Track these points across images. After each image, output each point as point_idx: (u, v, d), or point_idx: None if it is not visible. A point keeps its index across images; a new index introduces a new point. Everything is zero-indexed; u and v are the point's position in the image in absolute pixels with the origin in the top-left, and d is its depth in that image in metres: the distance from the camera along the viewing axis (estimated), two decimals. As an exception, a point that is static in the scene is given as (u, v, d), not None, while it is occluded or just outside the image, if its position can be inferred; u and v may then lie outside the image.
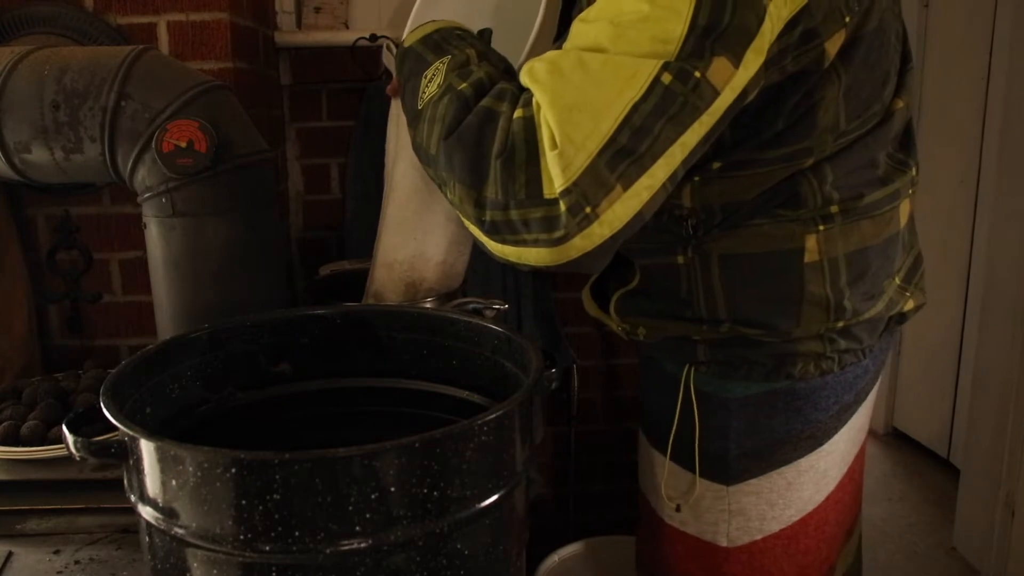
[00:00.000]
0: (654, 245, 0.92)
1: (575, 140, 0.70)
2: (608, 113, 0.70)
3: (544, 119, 0.72)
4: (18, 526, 1.04)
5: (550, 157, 0.71)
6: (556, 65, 0.73)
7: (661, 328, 0.94)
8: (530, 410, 0.77)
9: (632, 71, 0.70)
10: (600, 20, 0.73)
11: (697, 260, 0.88)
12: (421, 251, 1.10)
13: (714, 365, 0.92)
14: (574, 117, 0.70)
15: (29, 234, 1.50)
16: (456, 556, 0.68)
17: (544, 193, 0.71)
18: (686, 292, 0.90)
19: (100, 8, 1.42)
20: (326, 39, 1.80)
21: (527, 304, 1.86)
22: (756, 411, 0.92)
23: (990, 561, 1.83)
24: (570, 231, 0.71)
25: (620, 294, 0.99)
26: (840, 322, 0.88)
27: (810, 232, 0.85)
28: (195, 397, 0.88)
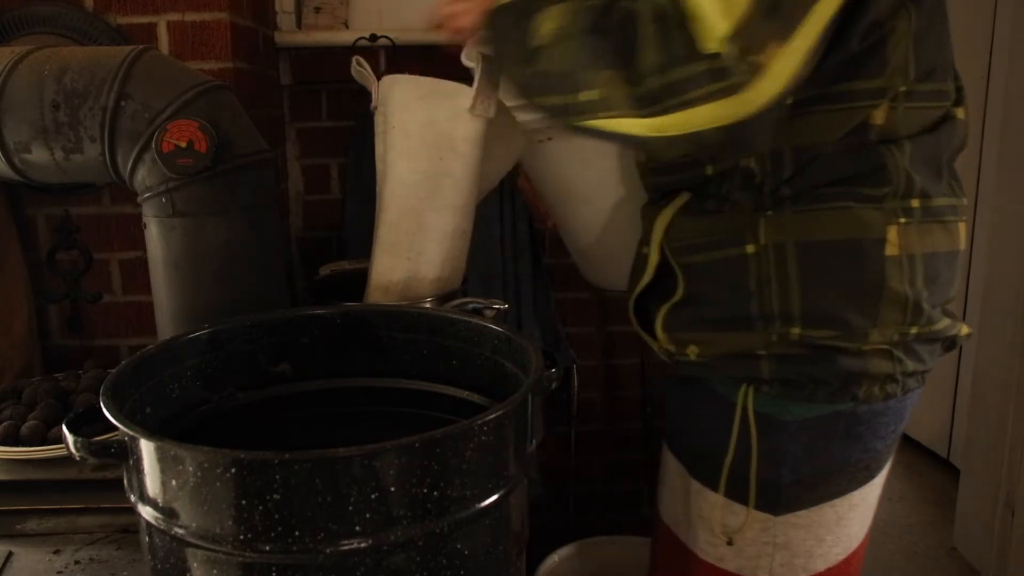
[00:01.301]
0: (720, 234, 0.87)
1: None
2: None
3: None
4: (18, 526, 1.04)
5: (710, 6, 0.69)
6: None
7: (717, 343, 0.88)
8: (530, 410, 0.77)
9: None
10: None
11: (771, 249, 0.83)
12: (415, 271, 1.10)
13: (777, 384, 0.86)
14: None
15: (29, 234, 1.50)
16: (456, 556, 0.68)
17: (706, 47, 0.70)
18: (755, 286, 0.84)
19: (100, 8, 1.42)
20: (326, 39, 1.80)
21: (527, 304, 1.86)
22: (815, 435, 0.87)
23: (990, 561, 1.83)
24: (742, 80, 0.70)
25: (668, 307, 0.92)
26: (914, 327, 0.84)
27: (891, 223, 0.82)
28: (195, 397, 0.88)
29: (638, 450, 2.07)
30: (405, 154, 1.09)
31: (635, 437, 2.05)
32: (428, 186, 1.09)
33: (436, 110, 1.09)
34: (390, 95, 1.11)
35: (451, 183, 1.10)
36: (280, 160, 1.82)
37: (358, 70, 1.14)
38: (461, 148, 1.09)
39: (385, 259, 1.12)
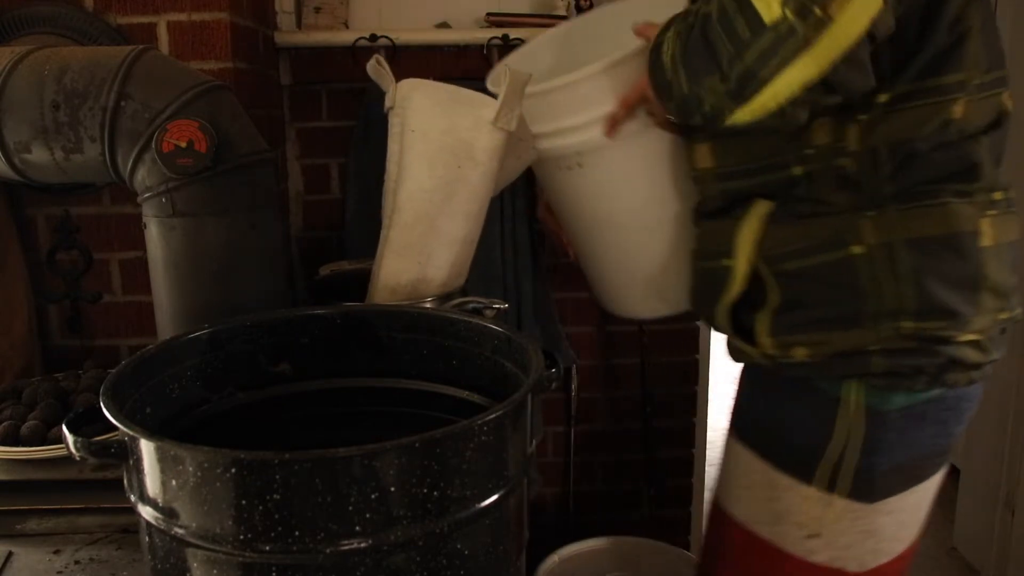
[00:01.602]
0: (819, 238, 0.89)
1: None
2: None
3: None
4: (18, 526, 1.04)
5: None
6: None
7: (828, 343, 0.89)
8: (530, 410, 0.77)
9: None
10: None
11: (880, 248, 0.86)
12: (424, 275, 1.11)
13: (884, 377, 0.89)
14: None
15: (29, 234, 1.50)
16: (456, 556, 0.68)
17: (766, 20, 0.76)
18: (869, 285, 0.87)
19: (100, 8, 1.42)
20: (326, 39, 1.80)
21: (527, 304, 1.86)
22: (910, 423, 0.91)
23: (990, 561, 1.83)
24: (810, 33, 0.74)
25: (768, 314, 0.93)
26: (1005, 313, 0.90)
27: (983, 216, 0.87)
28: (195, 397, 0.88)
29: (638, 450, 2.07)
30: (424, 158, 1.10)
31: (635, 437, 2.05)
32: (444, 192, 1.10)
33: (458, 118, 1.10)
34: (410, 99, 1.11)
35: (467, 191, 1.11)
36: (280, 160, 1.82)
37: (376, 68, 1.14)
38: (480, 157, 1.10)
39: (395, 261, 1.12)
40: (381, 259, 1.14)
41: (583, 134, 1.08)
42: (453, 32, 1.87)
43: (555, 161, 1.11)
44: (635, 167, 1.09)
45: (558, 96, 1.07)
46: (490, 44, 1.82)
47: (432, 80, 1.15)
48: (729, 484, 1.04)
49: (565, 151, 1.09)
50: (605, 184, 1.11)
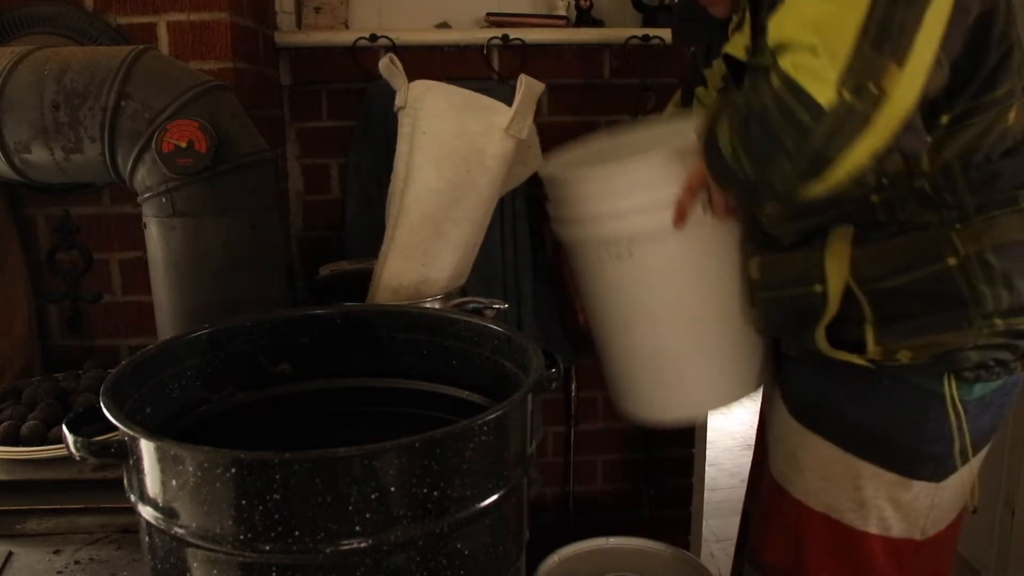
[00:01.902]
0: (915, 254, 0.95)
1: (831, 35, 0.80)
2: (852, 14, 0.79)
3: (794, 51, 0.82)
4: (18, 526, 1.04)
5: (816, 64, 0.80)
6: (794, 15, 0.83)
7: (933, 346, 0.96)
8: (530, 410, 0.77)
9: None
10: None
11: (974, 257, 0.93)
12: (427, 276, 1.11)
13: (973, 370, 0.97)
14: (826, 23, 0.80)
15: (29, 234, 1.50)
16: (456, 556, 0.68)
17: (823, 103, 0.80)
18: (969, 292, 0.93)
19: (100, 8, 1.42)
20: (326, 39, 1.80)
21: (527, 304, 1.86)
22: (980, 410, 1.00)
23: (990, 561, 1.83)
24: (869, 110, 0.80)
25: (870, 327, 0.99)
26: None
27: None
28: (195, 397, 0.88)
29: (638, 450, 2.07)
30: (434, 161, 1.10)
31: (635, 437, 2.05)
32: (452, 195, 1.10)
33: (470, 123, 1.10)
34: (423, 100, 1.11)
35: (474, 196, 1.12)
36: (280, 160, 1.82)
37: (389, 67, 1.14)
38: (490, 164, 1.10)
39: (399, 262, 1.12)
40: (385, 259, 1.14)
41: (641, 217, 1.07)
42: (453, 32, 1.88)
43: (603, 247, 1.09)
44: (685, 258, 1.09)
45: (620, 179, 1.07)
46: (490, 44, 1.82)
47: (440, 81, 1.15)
48: (803, 475, 1.08)
49: (618, 235, 1.08)
50: (652, 274, 1.10)
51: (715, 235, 1.10)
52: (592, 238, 1.10)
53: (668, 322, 1.13)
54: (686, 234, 1.06)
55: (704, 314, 1.13)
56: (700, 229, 1.07)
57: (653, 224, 1.06)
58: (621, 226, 1.08)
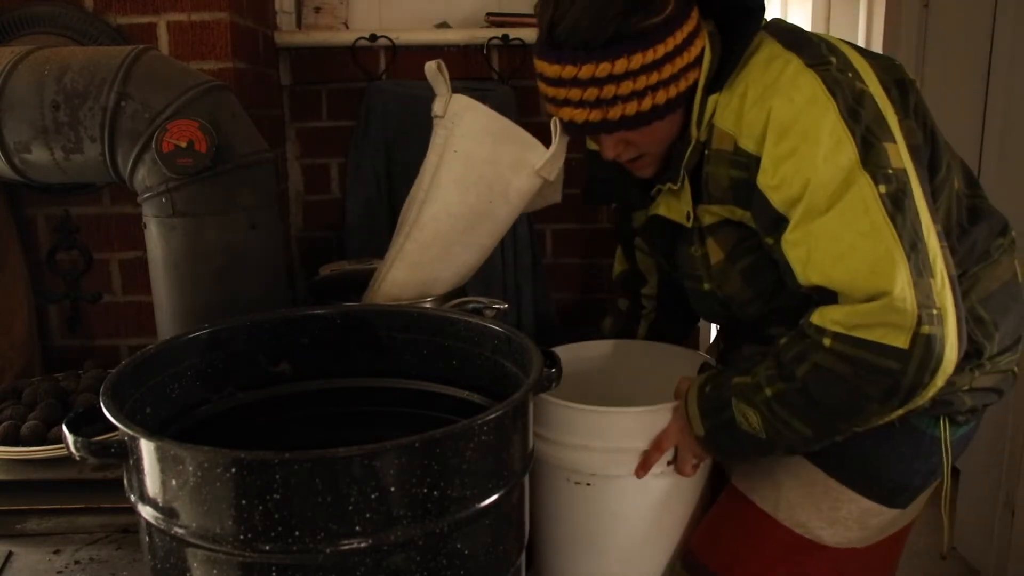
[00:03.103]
0: None
1: (889, 280, 0.85)
2: (886, 242, 0.86)
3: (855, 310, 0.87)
4: (18, 526, 1.04)
5: (883, 311, 0.85)
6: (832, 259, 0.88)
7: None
8: (530, 410, 0.77)
9: (864, 208, 0.87)
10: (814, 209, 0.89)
11: (968, 316, 0.97)
12: (426, 292, 1.12)
13: (965, 413, 1.03)
14: (878, 269, 0.86)
15: (29, 234, 1.50)
16: (456, 556, 0.68)
17: (902, 346, 0.85)
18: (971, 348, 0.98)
19: (100, 8, 1.42)
20: (326, 39, 1.80)
21: (527, 304, 1.86)
22: (959, 448, 1.07)
23: (990, 561, 1.83)
24: (938, 334, 0.86)
25: None
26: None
27: (1015, 259, 1.06)
28: (195, 397, 0.88)
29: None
30: (459, 184, 1.10)
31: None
32: (469, 221, 1.11)
33: (503, 153, 1.10)
34: (461, 117, 1.11)
35: (490, 225, 1.13)
36: (280, 160, 1.82)
37: (435, 72, 1.13)
38: (512, 197, 1.11)
39: (403, 273, 1.12)
40: (390, 267, 1.14)
41: (607, 458, 1.11)
42: (453, 32, 1.87)
43: (565, 472, 1.14)
44: (642, 501, 1.14)
45: (598, 419, 1.11)
46: (490, 44, 1.82)
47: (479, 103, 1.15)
48: (778, 492, 1.09)
49: (580, 466, 1.12)
50: (610, 505, 1.14)
51: (675, 485, 1.14)
52: (558, 462, 1.14)
53: (613, 555, 1.16)
54: (646, 481, 1.11)
55: (648, 554, 1.17)
56: (661, 479, 1.12)
57: (618, 467, 1.11)
58: (587, 459, 1.11)
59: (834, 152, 0.88)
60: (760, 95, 0.91)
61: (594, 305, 2.00)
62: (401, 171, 1.83)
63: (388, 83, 1.82)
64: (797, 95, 0.90)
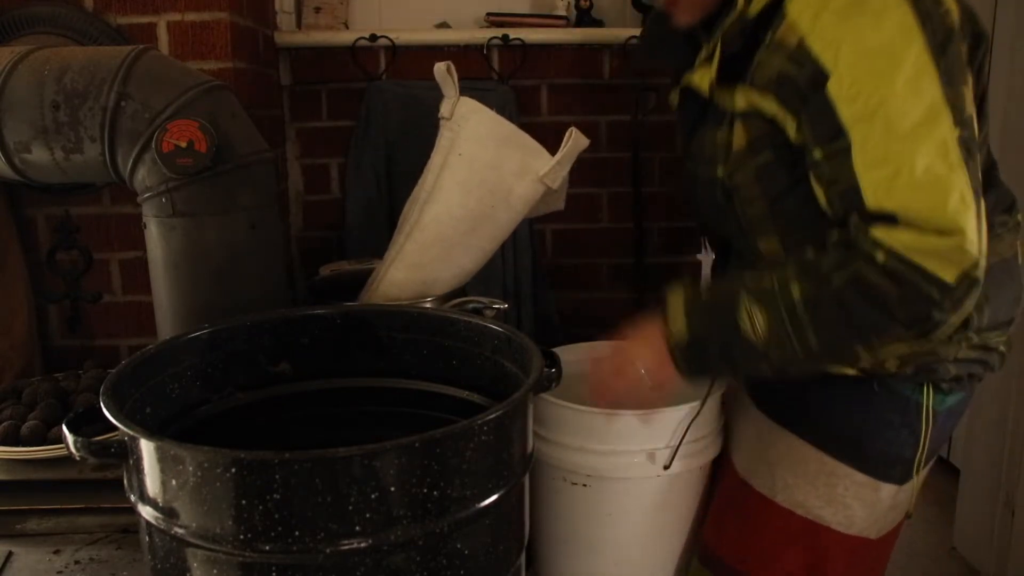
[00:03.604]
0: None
1: (964, 218, 0.84)
2: (962, 182, 0.85)
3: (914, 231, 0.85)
4: (18, 526, 1.04)
5: (950, 249, 0.84)
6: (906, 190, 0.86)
7: (919, 355, 1.00)
8: (530, 410, 0.77)
9: (943, 151, 0.85)
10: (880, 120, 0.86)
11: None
12: (424, 292, 1.12)
13: (951, 381, 1.02)
14: (958, 207, 0.84)
15: (29, 234, 1.50)
16: (456, 556, 0.68)
17: (950, 280, 0.85)
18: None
19: (100, 8, 1.42)
20: (326, 39, 1.80)
21: (527, 304, 1.86)
22: (947, 420, 1.06)
23: (990, 561, 1.83)
24: (980, 281, 0.86)
25: None
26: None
27: (1017, 238, 1.04)
28: (195, 397, 0.88)
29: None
30: (462, 187, 1.10)
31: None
32: (470, 224, 1.11)
33: (506, 159, 1.10)
34: (467, 119, 1.11)
35: (491, 228, 1.13)
36: (280, 160, 1.82)
37: (444, 74, 1.13)
38: (514, 203, 1.11)
39: (402, 273, 1.13)
40: (389, 266, 1.14)
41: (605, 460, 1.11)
42: (453, 32, 1.88)
43: (562, 472, 1.14)
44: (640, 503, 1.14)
45: (596, 420, 1.11)
46: (490, 44, 1.82)
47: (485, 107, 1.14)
48: (772, 472, 1.08)
49: (578, 467, 1.12)
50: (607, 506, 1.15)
51: (674, 486, 1.14)
52: (554, 460, 1.14)
53: (610, 557, 1.17)
54: (644, 482, 1.12)
55: (646, 556, 1.17)
56: (660, 481, 1.12)
57: (616, 469, 1.11)
58: (584, 460, 1.12)
59: (917, 79, 0.85)
60: (846, 6, 0.87)
61: (594, 305, 2.00)
62: (401, 171, 1.83)
63: (388, 83, 1.82)
64: (887, 20, 0.86)
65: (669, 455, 1.10)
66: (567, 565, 1.20)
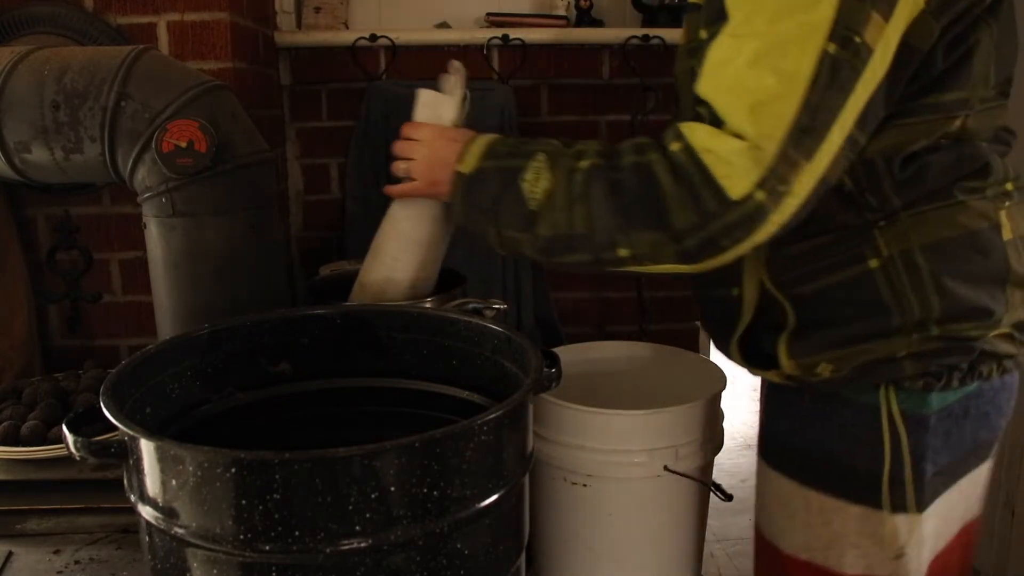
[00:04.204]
0: (834, 256, 0.86)
1: (765, 127, 0.74)
2: (791, 95, 0.74)
3: (715, 135, 0.77)
4: (18, 526, 1.04)
5: (738, 161, 0.75)
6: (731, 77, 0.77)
7: (854, 356, 0.86)
8: (530, 410, 0.77)
9: (801, 50, 0.74)
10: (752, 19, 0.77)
11: (898, 258, 0.84)
12: (390, 276, 1.10)
13: (917, 379, 0.86)
14: (763, 109, 0.75)
15: (29, 234, 1.50)
16: (456, 556, 0.68)
17: (732, 196, 0.76)
18: (891, 298, 0.84)
19: (100, 8, 1.42)
20: (326, 39, 1.80)
21: (527, 304, 1.86)
22: (951, 422, 0.88)
23: (990, 561, 1.83)
24: (771, 208, 0.76)
25: (786, 337, 0.90)
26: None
27: (1000, 208, 0.85)
28: (195, 397, 0.88)
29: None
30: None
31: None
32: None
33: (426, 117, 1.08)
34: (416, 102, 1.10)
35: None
36: (280, 160, 1.82)
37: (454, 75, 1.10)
38: None
39: (368, 259, 1.12)
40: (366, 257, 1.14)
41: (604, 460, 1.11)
42: (453, 32, 1.88)
43: (562, 472, 1.14)
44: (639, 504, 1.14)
45: (596, 420, 1.11)
46: (490, 44, 1.82)
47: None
48: (771, 516, 0.99)
49: (577, 467, 1.13)
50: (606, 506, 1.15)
51: (672, 487, 1.14)
52: (554, 460, 1.15)
53: (609, 557, 1.17)
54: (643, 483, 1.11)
55: (645, 556, 1.17)
56: (659, 481, 1.12)
57: (615, 469, 1.11)
58: (584, 460, 1.12)
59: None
60: None
61: (595, 305, 2.00)
62: (401, 171, 1.83)
63: (388, 83, 1.82)
64: None
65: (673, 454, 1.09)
66: (567, 565, 1.20)
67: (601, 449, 1.11)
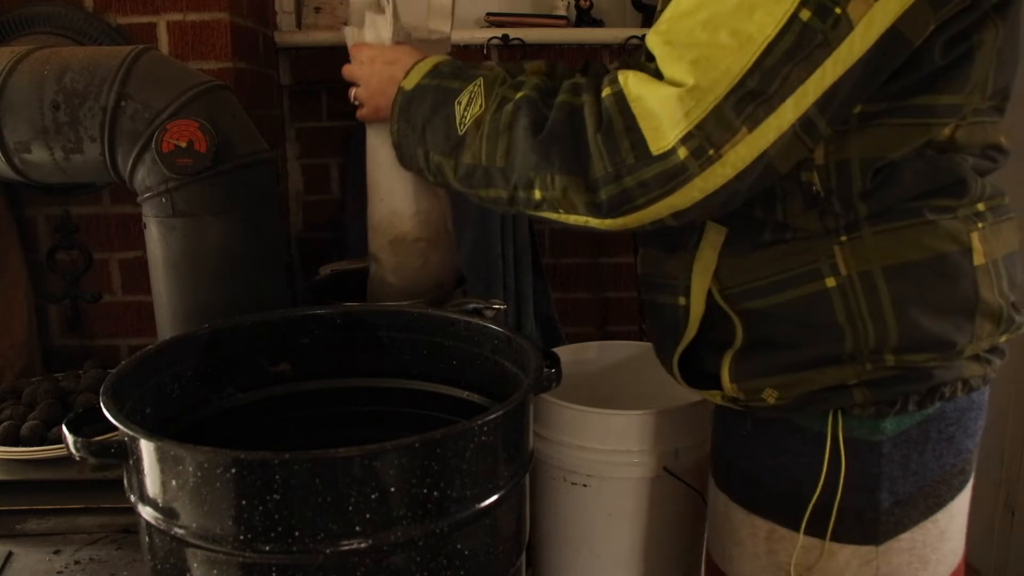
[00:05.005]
0: (788, 271, 0.79)
1: (704, 81, 0.68)
2: (742, 54, 0.68)
3: (653, 84, 0.71)
4: (18, 526, 1.04)
5: (666, 113, 0.69)
6: (683, 31, 0.71)
7: (802, 383, 0.80)
8: (530, 410, 0.77)
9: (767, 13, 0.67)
10: None
11: (856, 279, 0.76)
12: (392, 208, 1.11)
13: (870, 406, 0.80)
14: (706, 63, 0.68)
15: (29, 234, 1.50)
16: (456, 556, 0.68)
17: (653, 150, 0.70)
18: (846, 321, 0.77)
19: (100, 8, 1.41)
20: (326, 39, 1.80)
21: (527, 304, 1.86)
22: (909, 449, 0.81)
23: (990, 561, 1.83)
24: (694, 172, 0.69)
25: (731, 357, 0.84)
26: (1004, 335, 0.81)
27: (972, 230, 0.77)
28: (195, 397, 0.88)
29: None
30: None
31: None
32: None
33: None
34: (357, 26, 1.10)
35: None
36: (280, 160, 1.82)
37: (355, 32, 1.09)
38: None
39: (369, 203, 1.14)
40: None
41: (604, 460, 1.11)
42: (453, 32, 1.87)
43: (562, 472, 1.14)
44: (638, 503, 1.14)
45: (595, 420, 1.11)
46: (490, 44, 1.82)
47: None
48: (721, 541, 0.94)
49: (577, 467, 1.13)
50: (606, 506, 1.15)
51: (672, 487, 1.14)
52: (554, 460, 1.15)
53: (609, 557, 1.17)
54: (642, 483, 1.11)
55: (645, 557, 1.17)
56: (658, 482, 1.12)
57: (615, 469, 1.11)
58: (584, 460, 1.12)
59: None
60: None
61: (595, 305, 2.00)
62: (401, 171, 1.83)
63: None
64: None
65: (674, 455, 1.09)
66: (567, 565, 1.20)
67: (601, 449, 1.11)
